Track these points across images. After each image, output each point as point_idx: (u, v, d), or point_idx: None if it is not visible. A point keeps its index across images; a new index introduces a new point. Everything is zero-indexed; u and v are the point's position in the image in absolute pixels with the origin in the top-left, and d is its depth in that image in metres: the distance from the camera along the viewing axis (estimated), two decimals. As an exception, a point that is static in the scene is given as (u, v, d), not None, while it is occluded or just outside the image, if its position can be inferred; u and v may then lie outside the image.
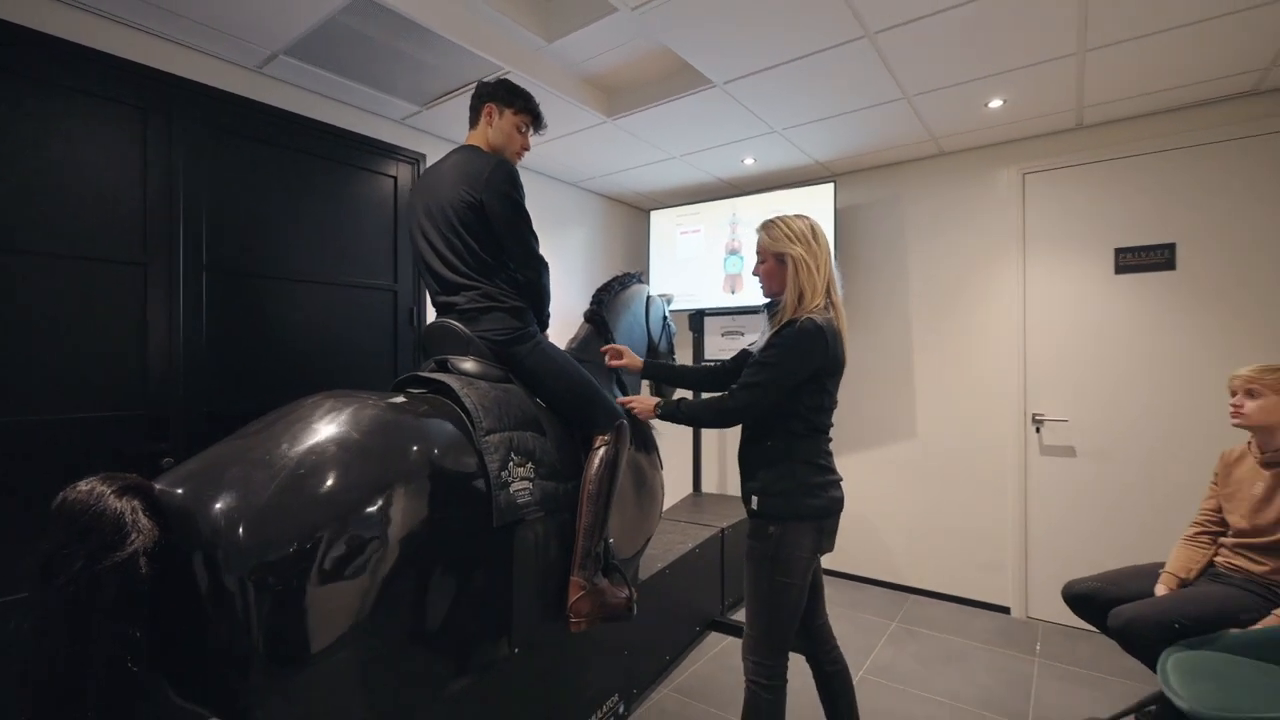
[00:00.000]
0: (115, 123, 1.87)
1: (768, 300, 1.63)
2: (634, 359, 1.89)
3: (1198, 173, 2.55)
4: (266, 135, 2.22)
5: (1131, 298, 2.68)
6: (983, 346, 3.02)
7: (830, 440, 1.55)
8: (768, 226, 1.56)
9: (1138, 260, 2.66)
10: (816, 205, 3.13)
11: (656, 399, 1.69)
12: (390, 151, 2.61)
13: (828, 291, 1.51)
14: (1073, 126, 2.76)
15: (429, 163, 2.73)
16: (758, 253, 1.60)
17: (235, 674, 1.02)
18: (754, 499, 1.50)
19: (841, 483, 1.54)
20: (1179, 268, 2.58)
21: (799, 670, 1.51)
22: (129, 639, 0.93)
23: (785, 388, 1.45)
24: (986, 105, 2.52)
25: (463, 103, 2.42)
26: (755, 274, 1.63)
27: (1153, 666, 1.67)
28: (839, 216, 3.20)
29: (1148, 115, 2.63)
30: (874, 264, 3.33)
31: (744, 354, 1.73)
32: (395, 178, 2.63)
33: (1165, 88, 2.37)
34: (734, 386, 1.51)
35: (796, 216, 1.53)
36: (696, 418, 1.58)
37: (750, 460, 1.55)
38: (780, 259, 1.53)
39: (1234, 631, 1.64)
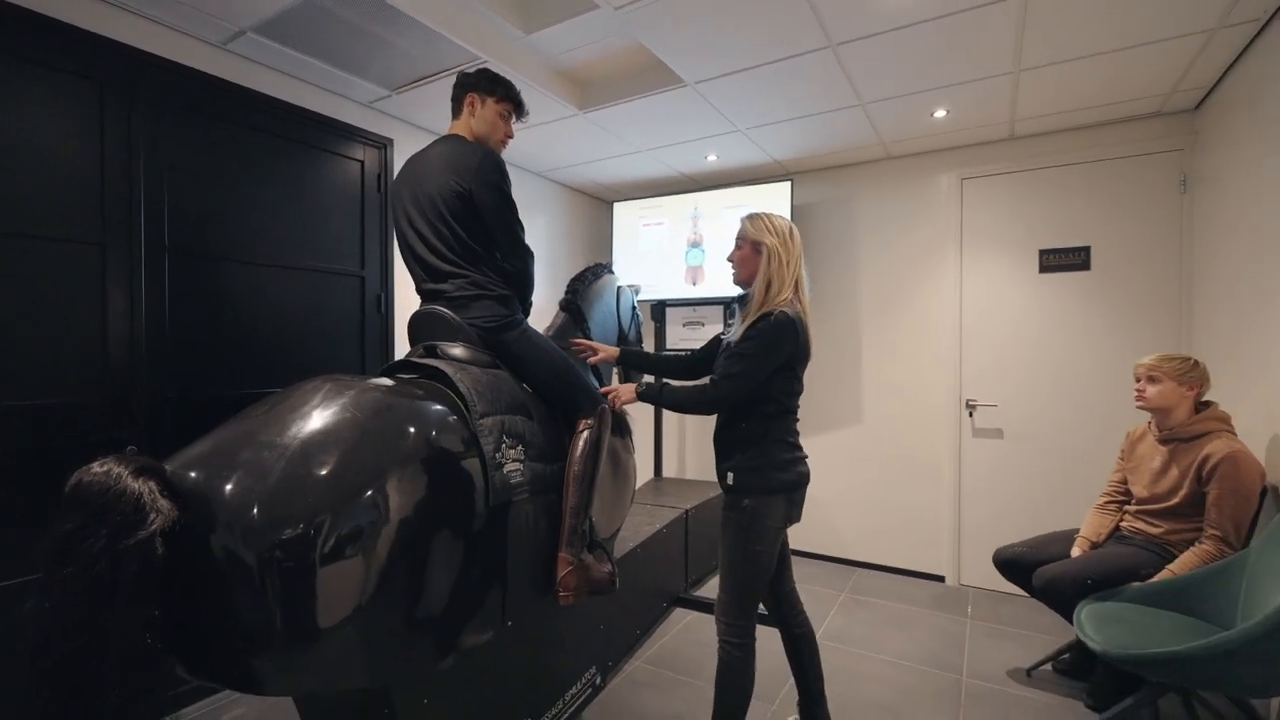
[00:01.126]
0: (71, 95, 1.78)
1: (741, 294, 1.74)
2: (608, 349, 1.97)
3: (1109, 183, 2.85)
4: (231, 114, 2.15)
5: (1053, 294, 2.97)
6: (923, 337, 3.27)
7: (798, 420, 1.69)
8: (752, 217, 1.66)
9: (1059, 261, 2.95)
10: (774, 202, 3.28)
11: (634, 385, 1.78)
12: (358, 135, 2.57)
13: (796, 288, 1.64)
14: (1005, 137, 3.01)
15: (397, 148, 2.69)
16: (737, 238, 1.69)
17: (248, 650, 1.05)
18: (730, 475, 1.61)
19: (807, 459, 1.69)
20: (1093, 268, 2.88)
21: (764, 634, 1.65)
22: (147, 618, 0.95)
23: (762, 376, 1.57)
24: (931, 115, 2.72)
25: (434, 89, 2.42)
26: (730, 260, 1.72)
27: (1070, 619, 1.91)
28: (795, 213, 3.37)
29: (1069, 130, 2.91)
30: (826, 259, 3.52)
31: (716, 341, 1.84)
32: (362, 162, 2.59)
33: (1085, 106, 2.64)
34: (714, 377, 1.61)
35: (779, 217, 1.65)
36: (680, 404, 1.67)
37: (726, 441, 1.66)
38: (756, 247, 1.64)
39: (1136, 585, 1.90)
